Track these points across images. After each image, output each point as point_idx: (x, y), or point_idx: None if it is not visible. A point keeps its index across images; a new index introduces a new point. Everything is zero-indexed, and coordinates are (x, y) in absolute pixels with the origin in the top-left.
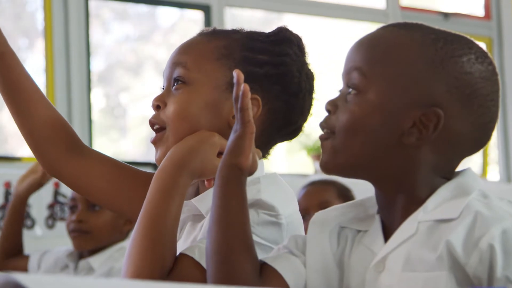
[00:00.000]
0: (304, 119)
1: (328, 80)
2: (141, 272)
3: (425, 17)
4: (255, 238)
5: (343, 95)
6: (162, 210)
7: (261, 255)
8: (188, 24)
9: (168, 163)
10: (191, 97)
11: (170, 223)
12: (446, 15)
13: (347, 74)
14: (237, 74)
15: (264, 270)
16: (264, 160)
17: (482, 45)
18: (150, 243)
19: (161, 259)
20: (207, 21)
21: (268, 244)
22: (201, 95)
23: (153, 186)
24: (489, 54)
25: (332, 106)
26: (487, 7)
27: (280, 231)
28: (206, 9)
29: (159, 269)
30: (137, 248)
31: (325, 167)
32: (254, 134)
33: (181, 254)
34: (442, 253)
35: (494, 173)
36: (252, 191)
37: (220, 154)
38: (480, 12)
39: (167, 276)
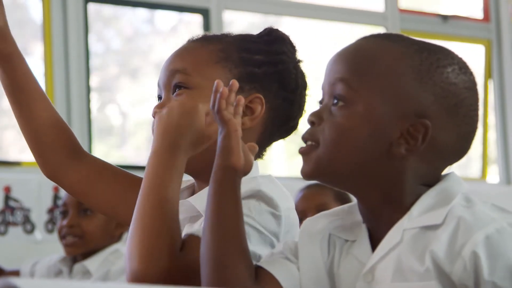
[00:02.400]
0: (300, 115)
1: None
2: (156, 250)
3: (424, 19)
4: (255, 225)
5: (326, 107)
6: (166, 192)
7: (259, 243)
8: (187, 28)
9: (159, 148)
10: (196, 102)
11: (174, 202)
12: (444, 18)
13: (330, 85)
14: (217, 83)
15: (260, 274)
16: (262, 162)
17: (481, 47)
18: (161, 222)
19: (173, 237)
20: (206, 24)
21: (268, 234)
22: (205, 99)
23: (150, 172)
24: (469, 65)
25: (317, 118)
26: (485, 9)
27: (279, 223)
28: (204, 13)
29: (175, 247)
30: (148, 229)
31: (308, 175)
32: (238, 132)
33: (189, 235)
34: (428, 262)
35: (493, 176)
36: (251, 184)
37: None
38: (478, 14)
39: (180, 255)
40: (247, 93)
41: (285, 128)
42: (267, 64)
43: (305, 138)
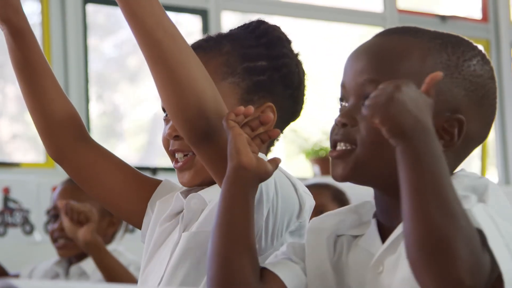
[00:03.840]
0: (303, 106)
1: (326, 84)
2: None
3: (423, 20)
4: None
5: (356, 107)
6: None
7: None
8: (186, 29)
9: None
10: None
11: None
12: (443, 18)
13: (359, 86)
14: (238, 110)
15: (265, 275)
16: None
17: (480, 47)
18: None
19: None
20: (205, 25)
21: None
22: None
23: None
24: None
25: (350, 120)
26: (484, 10)
27: (296, 197)
28: (203, 14)
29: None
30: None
31: (345, 177)
32: (243, 136)
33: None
34: None
35: (492, 176)
36: None
37: None
38: (477, 14)
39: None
40: (257, 104)
41: (291, 121)
42: (271, 70)
43: (337, 140)
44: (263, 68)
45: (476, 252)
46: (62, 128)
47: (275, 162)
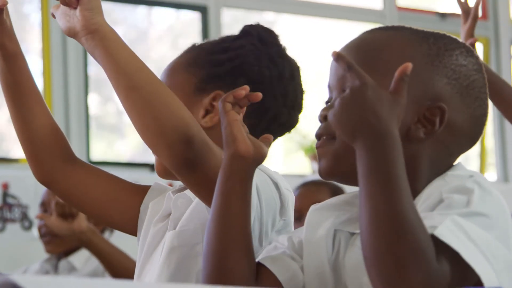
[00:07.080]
0: (281, 105)
1: (324, 81)
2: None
3: (422, 17)
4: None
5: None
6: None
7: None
8: (185, 25)
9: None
10: None
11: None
12: (442, 16)
13: (339, 79)
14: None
15: (261, 272)
16: None
17: (479, 45)
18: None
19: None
20: (204, 22)
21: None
22: None
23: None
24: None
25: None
26: (483, 7)
27: (279, 193)
28: (203, 10)
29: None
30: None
31: (326, 173)
32: (238, 121)
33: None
34: None
35: (491, 174)
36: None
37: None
38: None
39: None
40: (209, 92)
41: (275, 123)
42: (227, 61)
43: (319, 134)
44: (222, 60)
45: (429, 265)
46: (50, 151)
47: (268, 140)
